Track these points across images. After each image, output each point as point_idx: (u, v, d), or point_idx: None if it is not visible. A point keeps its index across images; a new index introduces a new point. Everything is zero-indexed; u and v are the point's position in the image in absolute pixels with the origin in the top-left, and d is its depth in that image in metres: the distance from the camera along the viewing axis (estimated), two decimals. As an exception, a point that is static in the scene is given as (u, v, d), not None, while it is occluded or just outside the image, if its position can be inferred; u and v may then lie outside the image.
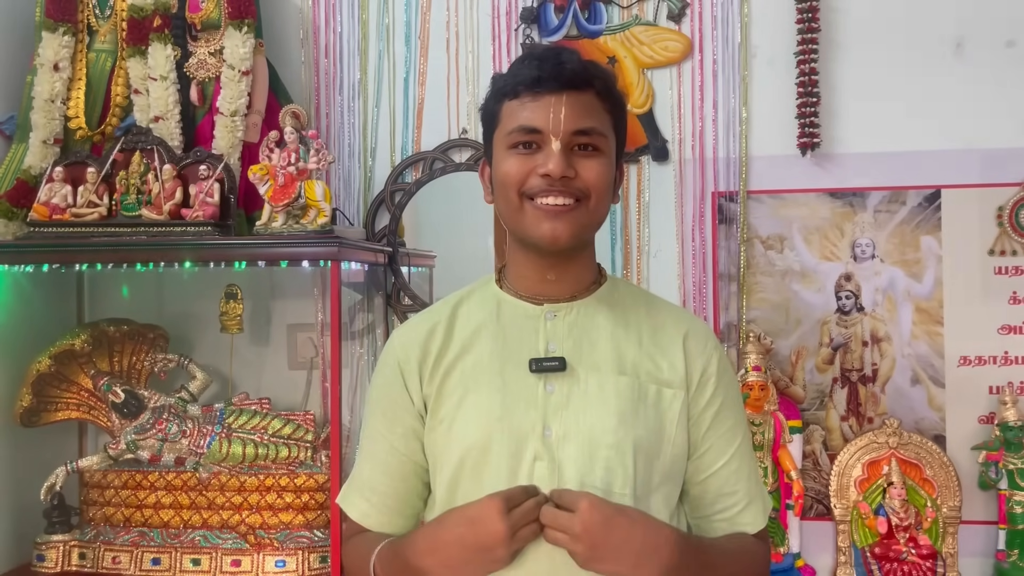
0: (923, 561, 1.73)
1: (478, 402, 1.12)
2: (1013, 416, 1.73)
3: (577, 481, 1.08)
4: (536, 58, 1.13)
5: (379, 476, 1.18)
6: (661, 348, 1.17)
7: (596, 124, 1.11)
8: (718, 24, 1.90)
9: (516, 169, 1.09)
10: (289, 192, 1.66)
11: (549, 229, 1.08)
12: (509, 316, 1.16)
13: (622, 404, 1.11)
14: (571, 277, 1.17)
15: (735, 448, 1.18)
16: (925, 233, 1.84)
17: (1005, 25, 1.81)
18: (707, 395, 1.16)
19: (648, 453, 1.11)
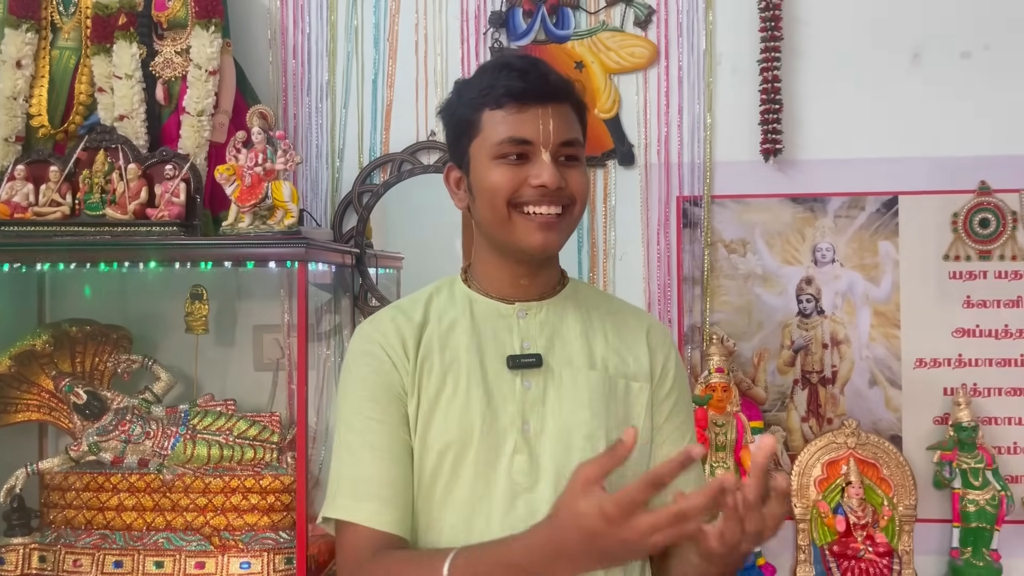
0: (880, 559, 1.78)
1: (458, 398, 1.13)
2: (967, 417, 1.78)
3: (554, 472, 1.11)
4: (518, 68, 1.15)
5: (386, 466, 1.12)
6: (626, 343, 1.22)
7: (577, 135, 1.16)
8: (684, 31, 1.93)
9: (506, 180, 1.11)
10: (256, 193, 1.66)
11: (541, 239, 1.12)
12: (482, 314, 1.18)
13: (594, 398, 1.15)
14: (542, 279, 1.21)
15: (687, 440, 1.24)
16: (883, 238, 1.88)
17: (960, 37, 1.86)
18: (666, 388, 1.22)
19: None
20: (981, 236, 1.85)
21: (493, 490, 1.10)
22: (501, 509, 1.10)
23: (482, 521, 1.10)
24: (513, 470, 1.10)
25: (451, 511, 1.11)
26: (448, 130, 1.20)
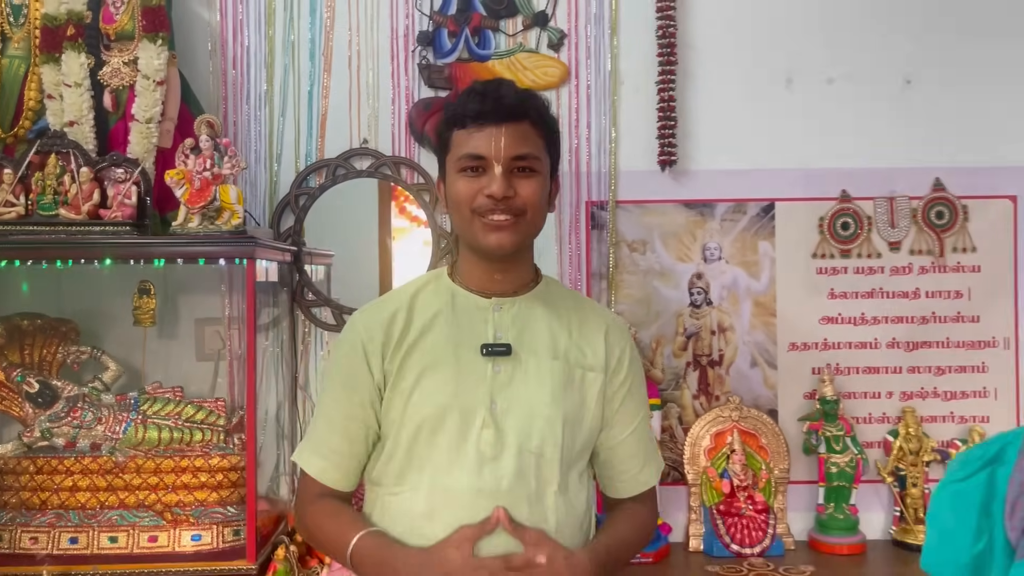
0: (758, 515, 2.04)
1: (436, 378, 1.32)
2: (830, 392, 2.07)
3: (517, 446, 1.30)
4: (479, 93, 1.33)
5: (336, 438, 1.36)
6: (587, 338, 1.40)
7: (531, 149, 1.31)
8: (592, 54, 2.15)
9: (466, 190, 1.30)
10: (205, 195, 1.80)
11: (495, 239, 1.30)
12: (462, 306, 1.37)
13: (555, 384, 1.34)
14: (514, 276, 1.39)
15: (638, 422, 1.44)
16: (762, 239, 2.15)
17: (825, 65, 2.14)
18: (620, 378, 1.41)
19: (573, 424, 1.35)
20: (842, 237, 2.14)
21: (464, 458, 1.29)
22: (469, 474, 1.29)
23: (453, 482, 1.29)
24: (481, 441, 1.29)
25: (428, 473, 1.31)
26: (436, 148, 1.40)
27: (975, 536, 0.85)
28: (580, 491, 1.38)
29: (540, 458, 1.30)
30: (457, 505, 1.27)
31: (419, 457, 1.31)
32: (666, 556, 2.00)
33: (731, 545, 2.00)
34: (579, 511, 1.35)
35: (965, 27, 2.13)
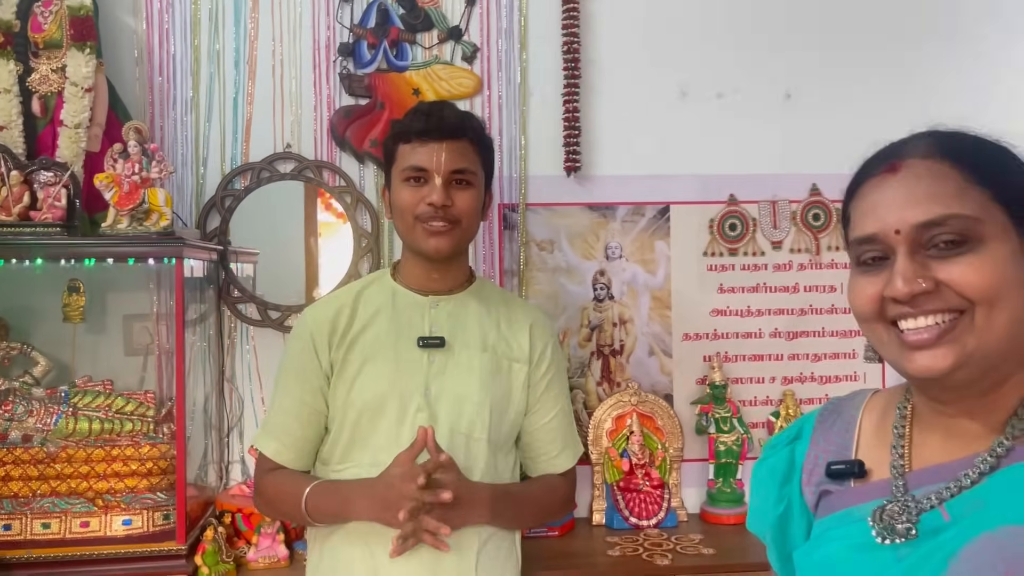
0: (655, 490, 2.24)
1: (376, 367, 1.50)
2: (719, 378, 2.27)
3: (448, 428, 1.48)
4: (424, 112, 1.52)
5: (291, 422, 1.53)
6: (514, 333, 1.59)
7: (469, 164, 1.50)
8: (503, 67, 2.31)
9: (409, 198, 1.48)
10: (134, 198, 1.89)
11: (434, 244, 1.48)
12: (402, 303, 1.55)
13: (484, 373, 1.52)
14: (450, 277, 1.58)
15: (558, 409, 1.63)
16: (658, 239, 2.34)
17: (715, 80, 2.34)
18: (542, 369, 1.60)
19: (500, 410, 1.53)
20: (730, 237, 2.36)
21: (401, 438, 1.47)
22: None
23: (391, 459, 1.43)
24: (416, 423, 1.46)
25: (369, 453, 1.49)
26: (383, 158, 1.57)
27: (777, 501, 0.99)
28: (506, 470, 1.56)
29: (469, 439, 1.49)
30: None
31: (362, 438, 1.48)
32: (571, 529, 2.18)
33: (630, 518, 2.19)
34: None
35: (839, 47, 2.36)
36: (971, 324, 0.77)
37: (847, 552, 0.86)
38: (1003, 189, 0.79)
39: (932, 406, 0.87)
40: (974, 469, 0.80)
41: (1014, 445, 0.80)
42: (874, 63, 2.37)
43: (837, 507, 0.92)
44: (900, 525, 0.81)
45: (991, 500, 0.78)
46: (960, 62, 2.39)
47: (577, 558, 2.00)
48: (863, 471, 0.91)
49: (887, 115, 2.34)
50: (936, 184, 0.80)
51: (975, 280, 0.77)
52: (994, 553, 0.74)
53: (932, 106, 2.32)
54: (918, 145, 0.84)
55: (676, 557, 1.96)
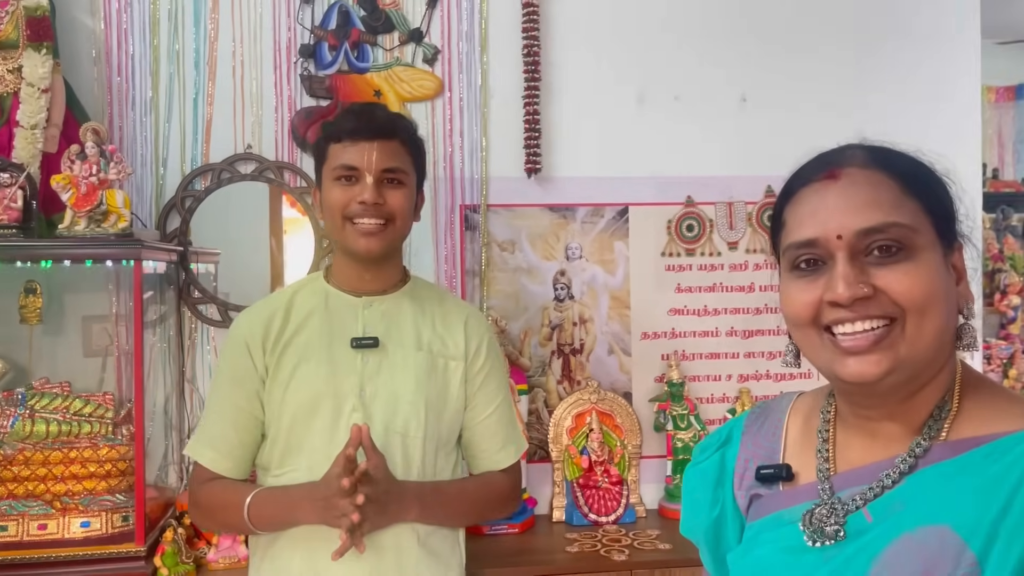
0: (614, 487, 2.28)
1: (309, 369, 1.49)
2: (676, 376, 2.32)
3: (383, 426, 1.48)
4: (355, 112, 1.53)
5: (227, 429, 1.52)
6: (449, 330, 1.59)
7: (400, 164, 1.50)
8: (464, 69, 2.33)
9: (340, 197, 1.47)
10: (91, 199, 1.88)
11: (364, 243, 1.47)
12: (335, 305, 1.55)
13: (419, 372, 1.53)
14: (383, 277, 1.57)
15: (497, 404, 1.63)
16: (617, 239, 2.38)
17: (673, 84, 2.39)
18: (479, 365, 1.60)
19: (437, 408, 1.54)
20: (688, 238, 2.40)
21: (336, 440, 1.46)
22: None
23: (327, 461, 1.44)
24: (351, 423, 1.46)
25: (305, 455, 1.48)
26: (313, 158, 1.57)
27: (711, 505, 1.01)
28: (446, 469, 1.57)
29: (405, 438, 1.49)
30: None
31: (297, 440, 1.48)
32: (531, 526, 2.21)
33: (589, 515, 2.23)
34: None
35: (793, 51, 2.42)
36: (902, 332, 0.80)
37: (778, 555, 0.88)
38: (931, 201, 0.83)
39: (854, 410, 0.90)
40: (894, 470, 0.83)
41: (931, 446, 0.83)
42: (828, 67, 2.42)
43: (767, 511, 0.94)
44: (829, 527, 0.84)
45: (910, 501, 0.81)
46: (912, 68, 2.45)
47: (536, 554, 2.03)
48: (791, 475, 0.93)
49: (841, 119, 2.40)
50: (876, 192, 0.82)
51: (910, 288, 0.79)
52: (913, 553, 0.77)
53: (883, 111, 2.39)
54: (856, 154, 0.86)
55: (633, 552, 2.00)
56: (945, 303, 0.81)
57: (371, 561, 1.44)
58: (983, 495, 0.76)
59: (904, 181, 0.83)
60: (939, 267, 0.82)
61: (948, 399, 0.85)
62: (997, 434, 0.80)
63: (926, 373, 0.84)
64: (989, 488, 0.76)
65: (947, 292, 0.82)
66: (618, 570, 1.93)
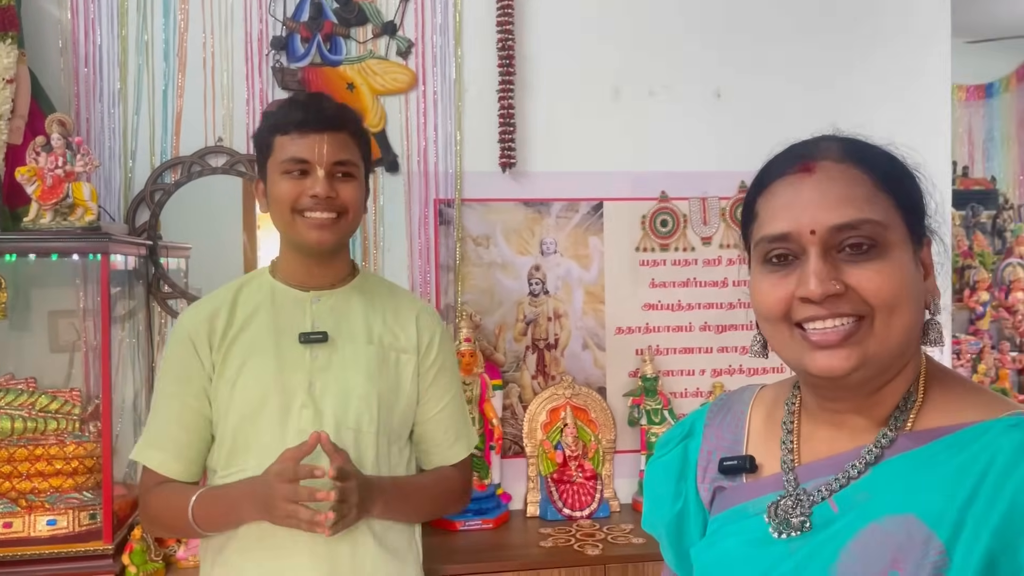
0: (588, 482, 2.28)
1: (256, 366, 1.46)
2: (650, 371, 2.32)
3: (334, 423, 1.45)
4: (301, 103, 1.49)
5: (175, 429, 1.47)
6: (400, 324, 1.56)
7: (350, 156, 1.47)
8: (438, 63, 2.32)
9: (289, 190, 1.43)
10: (57, 192, 1.85)
11: (316, 236, 1.44)
12: (282, 300, 1.51)
13: (370, 366, 1.49)
14: (332, 271, 1.54)
15: (449, 400, 1.61)
16: (592, 234, 2.38)
17: (648, 79, 2.39)
18: (431, 359, 1.58)
19: (389, 402, 1.51)
20: (662, 233, 2.41)
21: (286, 436, 1.44)
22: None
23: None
24: (301, 420, 1.44)
25: (254, 454, 1.44)
26: (255, 151, 1.52)
27: (674, 499, 1.00)
28: (400, 464, 1.55)
29: (358, 433, 1.46)
30: None
31: (245, 440, 1.45)
32: (506, 521, 2.20)
33: (563, 509, 2.23)
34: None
35: (765, 50, 2.43)
36: (871, 329, 0.80)
37: (743, 547, 0.88)
38: (903, 196, 0.83)
39: (820, 403, 0.90)
40: (860, 460, 0.84)
41: (897, 436, 0.83)
42: (801, 66, 2.44)
43: (731, 503, 0.93)
44: (795, 519, 0.84)
45: (876, 491, 0.81)
46: (883, 66, 2.47)
47: (510, 550, 2.02)
48: (754, 466, 0.93)
49: (813, 116, 2.40)
50: (850, 188, 0.81)
51: (880, 287, 0.79)
52: (881, 542, 0.77)
53: (855, 109, 2.41)
54: (831, 147, 0.85)
55: (607, 547, 2.00)
56: (913, 300, 0.82)
57: (328, 561, 1.41)
58: (949, 484, 0.76)
59: (878, 176, 0.82)
60: (909, 264, 0.82)
61: (914, 391, 0.85)
62: (962, 424, 0.81)
63: (893, 367, 0.84)
64: (955, 477, 0.76)
65: (915, 289, 0.82)
66: (592, 564, 1.93)
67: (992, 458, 0.75)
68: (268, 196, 1.48)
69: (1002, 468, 0.74)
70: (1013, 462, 0.74)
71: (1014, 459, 0.74)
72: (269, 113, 1.51)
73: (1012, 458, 0.75)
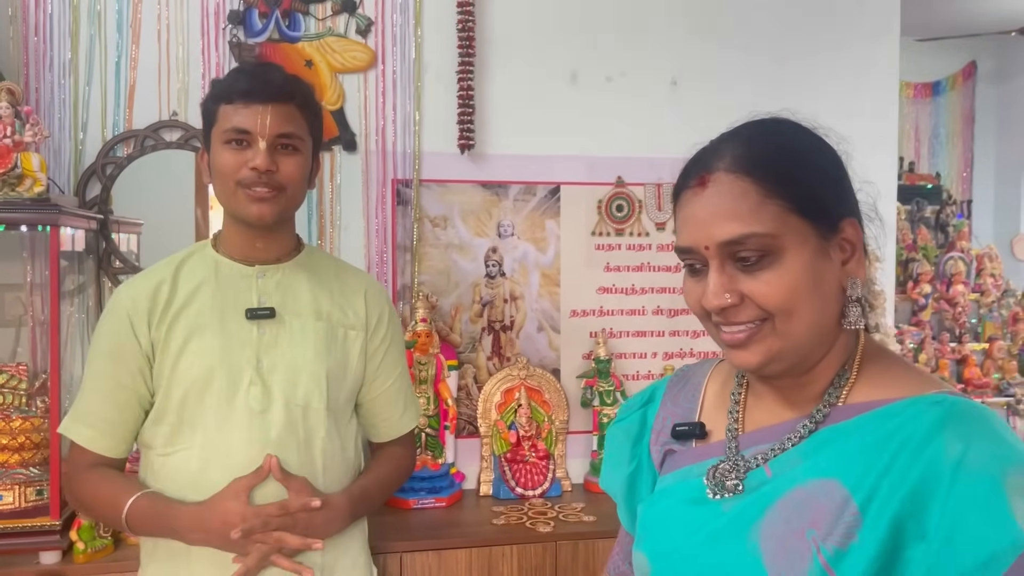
0: (541, 461, 2.32)
1: (201, 343, 1.43)
2: (603, 353, 2.36)
3: (283, 400, 1.43)
4: (248, 72, 1.46)
5: (107, 407, 1.44)
6: (348, 300, 1.55)
7: (295, 129, 1.43)
8: (397, 42, 2.31)
9: (230, 161, 1.40)
10: (5, 162, 1.81)
11: (256, 210, 1.41)
12: (226, 275, 1.48)
13: (318, 342, 1.48)
14: (276, 245, 1.51)
15: (397, 374, 1.62)
16: (549, 218, 2.41)
17: (605, 65, 2.41)
18: (380, 335, 1.58)
19: (337, 378, 1.50)
20: (617, 218, 2.44)
21: (233, 414, 1.42)
22: (241, 428, 1.42)
23: (224, 437, 1.42)
24: (250, 398, 1.43)
25: (200, 431, 1.42)
26: (202, 120, 1.48)
27: (629, 460, 1.07)
28: (348, 438, 1.55)
29: (307, 409, 1.46)
30: (230, 458, 1.40)
31: (190, 417, 1.42)
32: (459, 500, 2.23)
33: (516, 488, 2.26)
34: (347, 455, 1.53)
35: (719, 40, 2.47)
36: (773, 329, 0.86)
37: (681, 506, 0.95)
38: (797, 198, 0.86)
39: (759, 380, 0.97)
40: (795, 432, 0.90)
41: (830, 411, 0.89)
42: (754, 57, 2.49)
43: (678, 465, 1.00)
44: (729, 482, 0.91)
45: (807, 458, 0.87)
46: (833, 62, 2.53)
47: (463, 527, 2.05)
48: (704, 432, 1.00)
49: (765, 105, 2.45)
50: (735, 203, 0.85)
51: (772, 294, 0.84)
52: (802, 502, 0.84)
53: (804, 104, 2.47)
54: (724, 155, 0.88)
55: (558, 524, 2.03)
56: (815, 296, 0.86)
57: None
58: (871, 453, 0.82)
59: (767, 183, 0.85)
60: (808, 263, 0.85)
61: (848, 368, 0.91)
62: (890, 399, 0.86)
63: (813, 355, 0.89)
64: (877, 447, 0.82)
65: (819, 284, 0.86)
66: (543, 541, 1.96)
67: (912, 432, 0.81)
68: (212, 167, 1.45)
69: (918, 441, 0.80)
70: (929, 437, 0.80)
71: (930, 434, 0.80)
72: (216, 81, 1.48)
73: (928, 433, 0.80)
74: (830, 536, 0.80)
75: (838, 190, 0.91)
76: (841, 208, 0.89)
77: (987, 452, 0.78)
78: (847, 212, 0.90)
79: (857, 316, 0.89)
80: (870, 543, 0.78)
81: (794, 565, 0.80)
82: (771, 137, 0.91)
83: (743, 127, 0.93)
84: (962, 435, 0.79)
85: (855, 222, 0.90)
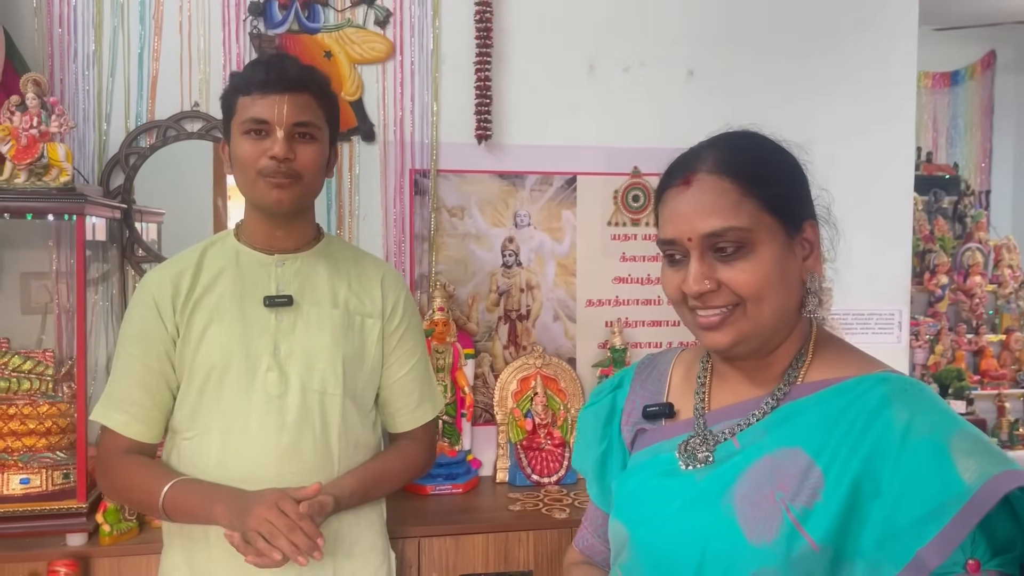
0: (556, 449, 2.34)
1: (220, 329, 1.47)
2: (619, 342, 2.38)
3: (300, 385, 1.47)
4: (264, 63, 1.49)
5: (138, 391, 1.48)
6: (365, 288, 1.58)
7: (312, 118, 1.46)
8: (415, 33, 2.33)
9: (250, 151, 1.43)
10: (32, 152, 1.85)
11: (275, 196, 1.44)
12: (246, 263, 1.52)
13: (335, 330, 1.51)
14: (295, 234, 1.55)
15: (414, 362, 1.64)
16: (565, 208, 2.42)
17: (622, 56, 2.42)
18: (395, 322, 1.60)
19: (354, 365, 1.53)
20: (633, 208, 2.45)
21: (251, 399, 1.46)
22: (258, 413, 1.46)
23: (242, 421, 1.46)
24: (267, 383, 1.46)
25: (219, 416, 1.46)
26: (222, 112, 1.52)
27: (600, 441, 1.18)
28: (366, 426, 1.57)
29: (324, 395, 1.49)
30: (247, 443, 1.44)
31: (209, 401, 1.46)
32: (475, 487, 2.25)
33: (532, 475, 2.28)
34: (366, 443, 1.56)
35: (737, 31, 2.47)
36: (744, 313, 0.97)
37: (655, 478, 1.05)
38: (769, 198, 0.97)
39: (724, 362, 1.08)
40: (759, 408, 1.02)
41: (789, 389, 1.02)
42: (771, 48, 2.48)
43: (650, 442, 1.10)
44: (700, 454, 1.02)
45: (772, 430, 0.99)
46: (851, 52, 2.53)
47: (479, 513, 2.07)
48: (672, 412, 1.11)
49: (782, 99, 2.47)
50: (718, 199, 0.97)
51: (745, 283, 0.96)
52: (770, 468, 0.95)
53: (822, 94, 2.47)
54: (706, 159, 1.00)
55: (573, 511, 2.06)
56: (782, 286, 0.98)
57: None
58: (829, 423, 0.95)
59: (744, 184, 0.96)
60: (777, 256, 0.97)
61: (804, 351, 1.03)
62: (843, 377, 0.99)
63: (776, 337, 1.01)
64: (835, 418, 0.95)
65: (785, 276, 0.98)
66: (559, 528, 1.99)
67: (864, 405, 0.94)
68: (232, 157, 1.49)
69: (870, 412, 0.93)
70: (879, 408, 0.93)
71: (880, 406, 0.93)
72: (235, 74, 1.52)
73: (878, 405, 0.93)
74: (797, 497, 0.91)
75: (802, 194, 1.03)
76: (805, 210, 1.02)
77: (930, 420, 0.90)
78: (808, 214, 1.02)
79: (815, 305, 1.01)
80: (833, 501, 0.89)
81: (767, 524, 0.91)
82: (747, 145, 1.03)
83: (720, 137, 1.05)
84: (907, 406, 0.92)
85: (814, 224, 1.02)
